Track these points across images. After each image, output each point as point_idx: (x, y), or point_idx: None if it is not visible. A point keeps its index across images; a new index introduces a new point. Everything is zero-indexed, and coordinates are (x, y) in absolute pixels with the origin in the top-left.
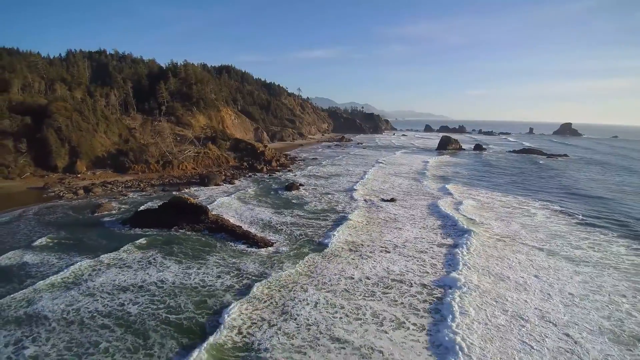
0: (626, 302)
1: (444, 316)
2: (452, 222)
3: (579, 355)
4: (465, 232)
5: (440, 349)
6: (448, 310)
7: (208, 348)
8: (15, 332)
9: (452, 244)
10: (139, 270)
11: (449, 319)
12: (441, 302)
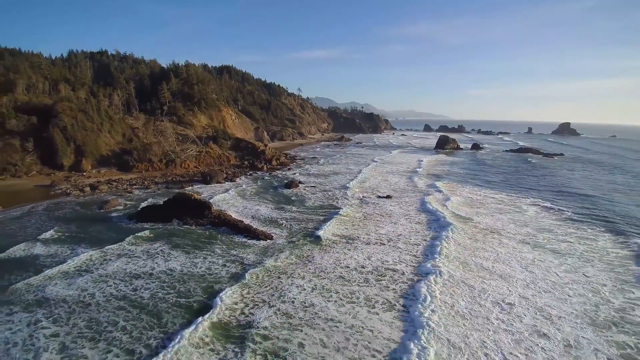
0: (606, 289)
1: (416, 297)
2: (436, 217)
3: (551, 334)
4: (447, 225)
5: (410, 324)
6: (419, 294)
7: (210, 325)
8: (35, 313)
9: (433, 237)
10: (147, 260)
11: (420, 300)
12: (413, 288)
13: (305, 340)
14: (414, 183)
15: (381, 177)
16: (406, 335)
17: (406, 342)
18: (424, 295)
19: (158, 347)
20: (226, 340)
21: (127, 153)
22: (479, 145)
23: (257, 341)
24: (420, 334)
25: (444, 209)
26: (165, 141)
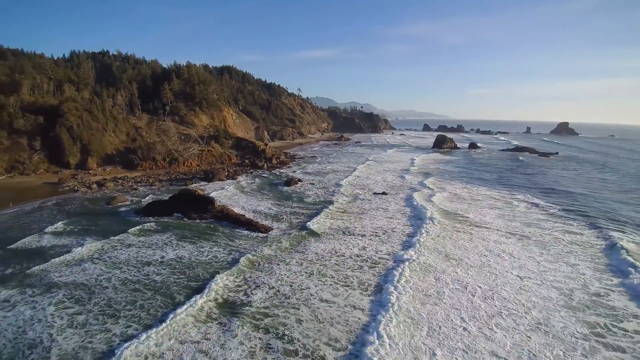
0: (585, 277)
1: (388, 280)
2: (419, 211)
3: (522, 313)
4: (429, 219)
5: (378, 304)
6: (392, 278)
7: (215, 305)
8: (57, 295)
9: (415, 228)
10: (157, 249)
11: (392, 282)
12: (388, 273)
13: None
14: (404, 180)
15: (374, 175)
16: (376, 309)
17: (376, 315)
18: (396, 278)
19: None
20: (231, 315)
21: (131, 152)
22: (476, 145)
23: (259, 318)
24: (387, 309)
25: (428, 204)
26: (168, 140)
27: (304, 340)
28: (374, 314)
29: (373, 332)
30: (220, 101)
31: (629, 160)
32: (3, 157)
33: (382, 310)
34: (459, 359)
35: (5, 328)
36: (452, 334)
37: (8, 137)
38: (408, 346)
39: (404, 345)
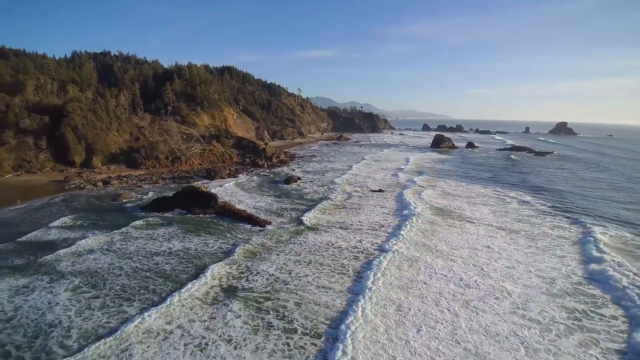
0: (569, 268)
1: (371, 268)
2: (407, 207)
3: (502, 297)
4: (416, 214)
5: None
6: (373, 267)
7: (221, 289)
8: (72, 281)
9: (401, 221)
10: (164, 241)
11: (373, 270)
12: (371, 261)
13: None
14: (398, 178)
15: (369, 173)
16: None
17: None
18: (376, 267)
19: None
20: (235, 299)
21: (135, 151)
22: (474, 144)
23: (260, 301)
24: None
25: (417, 200)
26: (170, 140)
27: (303, 320)
28: (352, 298)
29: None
30: (221, 101)
31: (624, 160)
32: (10, 155)
33: (360, 294)
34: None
35: (27, 310)
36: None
37: (14, 137)
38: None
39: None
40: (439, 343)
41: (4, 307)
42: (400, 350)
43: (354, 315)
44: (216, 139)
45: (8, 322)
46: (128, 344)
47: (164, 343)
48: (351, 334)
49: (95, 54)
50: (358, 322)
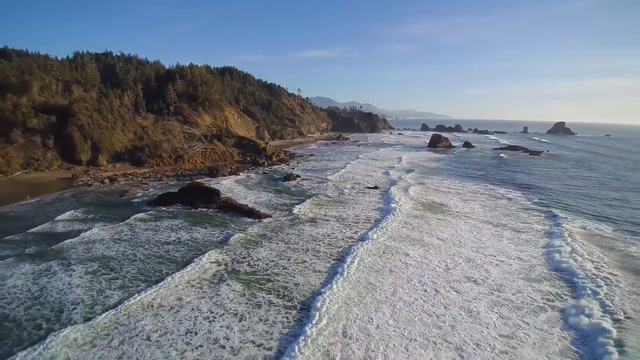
0: (550, 257)
1: (350, 253)
2: (392, 201)
3: (480, 280)
4: (396, 209)
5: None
6: (351, 252)
7: (227, 271)
8: (91, 266)
9: (384, 214)
10: (172, 232)
11: (351, 255)
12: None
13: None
14: (388, 175)
15: (362, 171)
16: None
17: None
18: (353, 252)
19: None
20: (239, 281)
21: (139, 150)
22: (470, 144)
23: (262, 282)
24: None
25: (403, 196)
26: (173, 139)
27: (301, 298)
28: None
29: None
30: (222, 101)
31: (615, 159)
32: (18, 154)
33: (337, 274)
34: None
35: (50, 290)
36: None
37: (22, 136)
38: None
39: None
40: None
41: (29, 287)
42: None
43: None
44: (218, 139)
45: (35, 299)
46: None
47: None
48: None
49: (97, 54)
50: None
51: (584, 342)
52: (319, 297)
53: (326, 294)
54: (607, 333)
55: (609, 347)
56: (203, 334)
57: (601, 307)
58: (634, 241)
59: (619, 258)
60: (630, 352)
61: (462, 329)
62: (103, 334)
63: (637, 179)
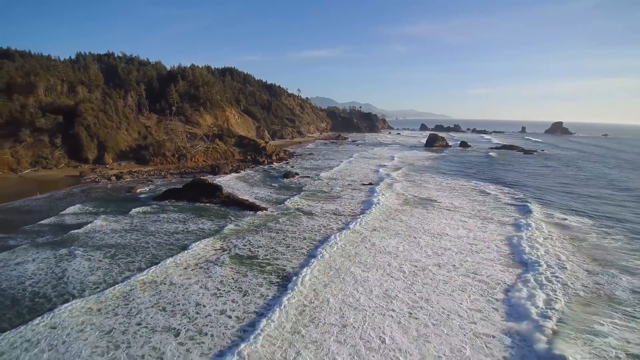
0: (532, 245)
1: (327, 240)
2: (376, 196)
3: (457, 265)
4: (379, 203)
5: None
6: (330, 239)
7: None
8: (109, 252)
9: (367, 207)
10: (180, 224)
11: (329, 242)
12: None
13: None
14: (378, 172)
15: (355, 169)
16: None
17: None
18: (334, 238)
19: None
20: (242, 264)
21: (143, 148)
22: (467, 143)
23: (263, 265)
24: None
25: (387, 191)
26: (176, 138)
27: (286, 273)
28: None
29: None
30: (223, 102)
31: (606, 158)
32: (27, 152)
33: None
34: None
35: (72, 272)
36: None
37: (31, 135)
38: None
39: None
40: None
41: (53, 269)
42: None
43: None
44: (219, 138)
45: (59, 279)
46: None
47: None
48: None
49: (99, 55)
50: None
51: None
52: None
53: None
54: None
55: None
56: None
57: (536, 282)
58: (594, 229)
59: (574, 242)
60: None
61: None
62: (110, 305)
63: (619, 177)
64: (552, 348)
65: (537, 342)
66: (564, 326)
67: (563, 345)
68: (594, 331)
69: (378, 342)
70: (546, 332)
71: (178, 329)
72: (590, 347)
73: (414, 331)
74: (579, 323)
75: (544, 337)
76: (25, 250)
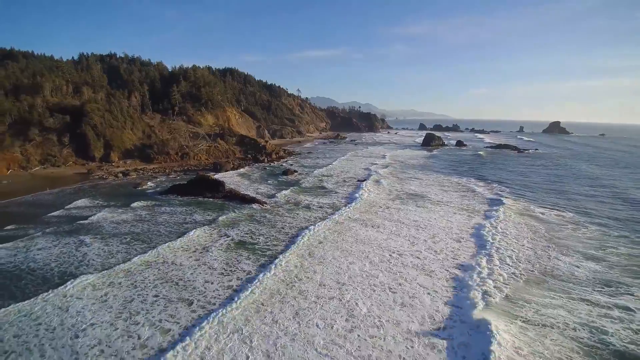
0: (513, 236)
1: (308, 228)
2: (360, 190)
3: (439, 250)
4: (362, 197)
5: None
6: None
7: (235, 239)
8: (125, 238)
9: (349, 200)
10: (187, 215)
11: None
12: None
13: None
14: (368, 170)
15: (347, 166)
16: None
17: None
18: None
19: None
20: (245, 249)
21: (148, 147)
22: (463, 143)
23: (264, 250)
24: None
25: (373, 186)
26: (180, 137)
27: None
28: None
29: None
30: (224, 102)
31: (594, 157)
32: (36, 151)
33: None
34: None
35: (92, 256)
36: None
37: (40, 134)
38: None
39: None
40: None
41: (74, 253)
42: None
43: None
44: (220, 137)
45: (81, 261)
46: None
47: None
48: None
49: (102, 56)
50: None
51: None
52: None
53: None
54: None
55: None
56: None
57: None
58: (558, 220)
59: (534, 230)
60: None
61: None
62: (129, 279)
63: (600, 174)
64: (479, 313)
65: (469, 308)
66: (498, 297)
67: (490, 312)
68: (524, 304)
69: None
70: (477, 300)
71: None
72: (519, 317)
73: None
74: (514, 297)
75: (478, 302)
76: (45, 238)
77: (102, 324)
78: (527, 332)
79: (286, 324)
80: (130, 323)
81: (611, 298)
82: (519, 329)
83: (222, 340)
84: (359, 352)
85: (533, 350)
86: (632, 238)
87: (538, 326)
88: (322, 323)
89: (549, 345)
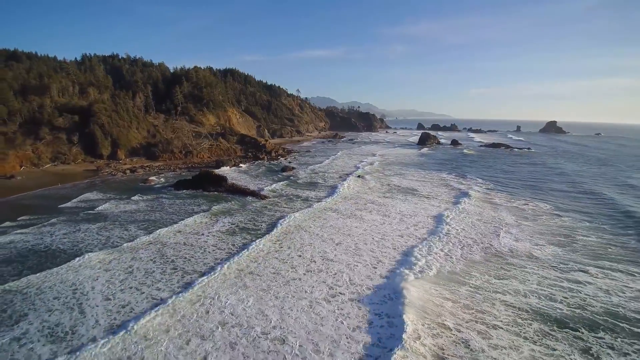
0: (499, 223)
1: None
2: (343, 185)
3: (417, 236)
4: (344, 190)
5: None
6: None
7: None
8: (141, 225)
9: (333, 191)
10: (195, 206)
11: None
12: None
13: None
14: (357, 167)
15: (339, 163)
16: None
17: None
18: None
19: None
20: (247, 234)
21: (153, 145)
22: (457, 142)
23: (251, 229)
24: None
25: (358, 181)
26: (183, 136)
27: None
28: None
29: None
30: (225, 102)
31: (584, 156)
32: (47, 149)
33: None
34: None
35: (114, 239)
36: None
37: (50, 133)
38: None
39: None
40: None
41: (95, 237)
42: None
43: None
44: (222, 136)
45: (105, 243)
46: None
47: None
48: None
49: (104, 56)
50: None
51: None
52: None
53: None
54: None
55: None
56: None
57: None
58: (520, 212)
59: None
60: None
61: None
62: (150, 255)
63: (584, 172)
64: (408, 285)
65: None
66: (431, 271)
67: (417, 285)
68: (476, 274)
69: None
70: (409, 275)
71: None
72: (468, 283)
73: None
74: (465, 270)
75: (409, 275)
76: (67, 224)
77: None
78: (476, 294)
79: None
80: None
81: (563, 273)
82: (467, 292)
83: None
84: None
85: (482, 309)
86: (608, 230)
87: (489, 292)
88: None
89: (499, 307)
